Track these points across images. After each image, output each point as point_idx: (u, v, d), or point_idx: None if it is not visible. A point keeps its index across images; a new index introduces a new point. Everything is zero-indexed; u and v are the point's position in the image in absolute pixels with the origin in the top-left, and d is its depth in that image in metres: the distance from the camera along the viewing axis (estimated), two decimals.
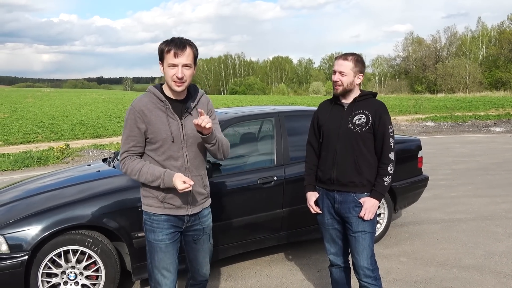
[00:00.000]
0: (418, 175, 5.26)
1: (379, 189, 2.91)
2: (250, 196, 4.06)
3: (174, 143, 2.50)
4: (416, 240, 4.98)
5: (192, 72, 2.49)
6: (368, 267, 2.96)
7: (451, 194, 6.99)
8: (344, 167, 2.93)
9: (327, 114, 3.05)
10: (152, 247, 2.60)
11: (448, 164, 9.52)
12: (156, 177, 2.47)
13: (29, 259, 3.25)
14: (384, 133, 2.89)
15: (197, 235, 2.73)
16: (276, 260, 4.51)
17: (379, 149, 2.93)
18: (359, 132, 2.89)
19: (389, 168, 2.91)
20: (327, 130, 3.01)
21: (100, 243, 3.45)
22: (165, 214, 2.58)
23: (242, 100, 42.59)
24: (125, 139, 2.53)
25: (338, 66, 2.91)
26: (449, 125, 18.26)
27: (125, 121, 2.52)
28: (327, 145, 3.02)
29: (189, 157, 2.56)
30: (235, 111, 4.55)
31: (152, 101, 2.51)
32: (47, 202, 3.52)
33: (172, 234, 2.61)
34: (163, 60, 2.45)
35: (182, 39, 2.46)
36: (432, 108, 27.03)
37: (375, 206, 2.91)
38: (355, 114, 2.92)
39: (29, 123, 23.10)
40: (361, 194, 2.94)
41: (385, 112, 2.94)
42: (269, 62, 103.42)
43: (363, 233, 2.94)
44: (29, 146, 16.10)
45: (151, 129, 2.48)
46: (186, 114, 2.55)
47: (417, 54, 70.45)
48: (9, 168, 10.03)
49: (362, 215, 2.90)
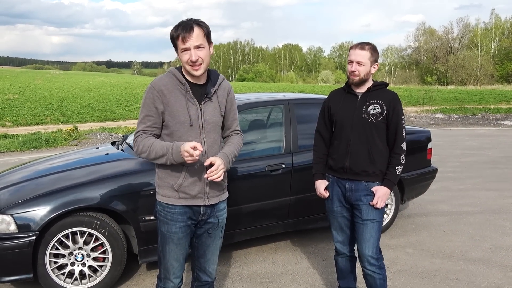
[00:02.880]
0: (427, 167, 5.22)
1: (391, 178, 2.93)
2: (257, 183, 4.05)
3: (192, 128, 2.41)
4: (422, 232, 4.97)
5: (208, 52, 2.39)
6: (373, 255, 2.97)
7: (459, 186, 6.96)
8: (357, 156, 2.93)
9: (340, 103, 3.03)
10: (164, 237, 2.52)
11: (457, 157, 9.47)
12: (166, 149, 2.33)
13: (37, 239, 3.28)
14: (398, 123, 2.90)
15: (212, 228, 2.61)
16: (282, 247, 4.52)
17: (392, 139, 2.94)
18: (374, 122, 2.89)
19: (402, 158, 2.93)
20: (340, 119, 2.99)
21: (107, 225, 3.47)
22: (180, 205, 2.47)
23: (250, 87, 42.45)
24: (142, 118, 2.43)
25: (355, 55, 2.88)
26: (459, 117, 18.14)
27: (143, 100, 2.43)
28: (340, 134, 3.00)
29: (207, 144, 2.46)
30: (245, 97, 4.53)
31: (173, 82, 2.42)
32: (55, 184, 3.53)
33: (186, 227, 2.51)
34: (176, 47, 2.39)
35: (189, 20, 2.37)
36: (442, 100, 26.82)
37: (387, 194, 2.93)
38: (369, 104, 2.91)
39: (38, 104, 23.20)
40: (373, 183, 2.95)
41: (398, 103, 2.94)
42: (279, 50, 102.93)
43: (371, 221, 2.95)
44: (38, 127, 16.20)
45: (169, 111, 2.39)
46: (205, 100, 2.46)
47: (428, 45, 69.83)
48: (18, 149, 10.10)
49: (374, 203, 2.91)
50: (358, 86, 2.96)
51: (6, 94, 28.35)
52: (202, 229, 2.62)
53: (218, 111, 2.52)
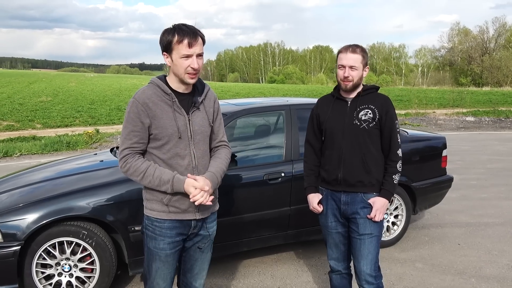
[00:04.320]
0: (442, 175, 4.93)
1: (388, 187, 2.75)
2: (255, 192, 3.89)
3: (180, 140, 2.28)
4: (435, 245, 4.69)
5: (203, 62, 2.33)
6: (371, 273, 2.76)
7: (481, 195, 6.59)
8: (351, 166, 2.74)
9: (329, 111, 2.84)
10: (151, 255, 2.39)
11: (483, 163, 9.03)
12: (164, 182, 2.24)
13: (22, 249, 3.21)
14: (392, 128, 2.73)
15: (202, 242, 2.48)
16: (283, 259, 4.33)
17: (386, 146, 2.76)
18: (366, 128, 2.70)
19: (398, 165, 2.75)
20: (330, 128, 2.80)
21: (95, 235, 3.38)
22: (170, 220, 2.33)
23: (279, 89, 42.30)
24: (127, 134, 2.27)
25: (347, 60, 2.69)
26: (490, 120, 17.45)
27: (127, 114, 2.28)
28: (331, 144, 2.81)
29: (196, 156, 2.34)
30: (244, 102, 4.38)
31: (157, 93, 2.28)
32: (43, 192, 3.47)
33: (175, 243, 2.37)
34: (170, 52, 2.23)
35: (190, 26, 2.25)
36: (475, 101, 26.00)
37: (385, 206, 2.76)
38: (360, 109, 2.73)
39: (69, 107, 23.72)
40: (369, 194, 2.76)
41: (391, 107, 2.77)
42: (309, 51, 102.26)
43: (369, 236, 2.75)
44: (66, 129, 16.54)
45: (156, 124, 2.25)
46: (193, 109, 2.34)
47: (463, 46, 67.93)
48: (39, 151, 10.25)
49: (372, 216, 2.72)
50: (348, 91, 2.77)
51: (40, 97, 29.14)
52: (191, 242, 2.48)
53: (206, 121, 2.40)
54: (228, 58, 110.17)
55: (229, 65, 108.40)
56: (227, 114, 3.94)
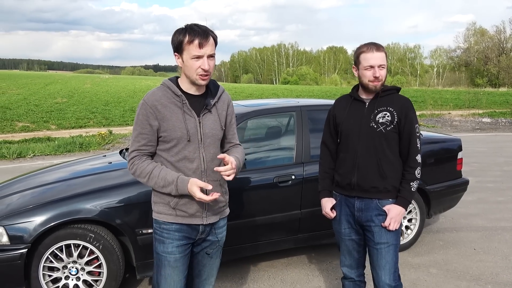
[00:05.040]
0: (457, 178, 4.81)
1: (405, 195, 2.61)
2: (265, 195, 3.82)
3: (190, 143, 2.24)
4: (450, 249, 4.56)
5: (215, 63, 2.27)
6: (391, 283, 2.64)
7: (498, 198, 6.43)
8: (366, 170, 2.62)
9: (345, 112, 2.72)
10: (160, 261, 2.33)
11: (500, 165, 8.83)
12: (168, 183, 2.20)
13: (29, 252, 3.19)
14: (411, 132, 2.59)
15: (210, 247, 2.44)
16: (294, 263, 4.25)
17: (404, 151, 2.62)
18: (383, 132, 2.58)
19: (417, 172, 2.61)
20: (346, 130, 2.69)
21: (102, 238, 3.34)
22: (177, 223, 2.30)
23: (292, 90, 42.14)
24: (135, 136, 2.26)
25: (375, 59, 2.55)
26: (507, 121, 17.13)
27: (136, 117, 2.26)
28: (346, 146, 2.70)
29: (206, 159, 2.28)
30: (254, 104, 4.31)
31: (167, 95, 2.25)
32: (51, 194, 3.44)
33: (183, 246, 2.32)
34: (181, 52, 2.19)
35: (202, 26, 2.19)
36: (491, 102, 25.58)
37: (401, 214, 2.61)
38: (378, 112, 2.61)
39: (83, 108, 23.89)
40: (385, 201, 2.63)
41: (411, 109, 2.62)
42: (323, 52, 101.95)
43: (386, 245, 2.63)
44: (80, 131, 16.64)
45: (164, 126, 2.22)
46: (204, 111, 2.28)
47: (479, 46, 67.05)
48: (52, 152, 10.31)
49: (386, 225, 2.60)
50: (367, 92, 2.65)
51: (56, 98, 29.43)
52: (199, 247, 2.44)
53: (218, 124, 2.34)
54: (242, 59, 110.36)
55: (243, 66, 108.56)
56: (237, 115, 3.86)
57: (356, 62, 2.64)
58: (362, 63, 2.59)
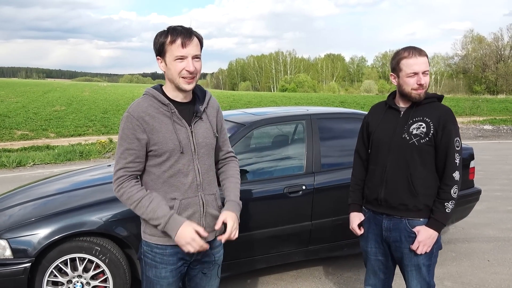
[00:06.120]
0: (469, 188, 4.70)
1: (438, 217, 2.36)
2: (274, 206, 3.70)
3: (183, 155, 2.05)
4: (464, 261, 4.45)
5: (201, 66, 2.08)
6: None
7: (508, 207, 6.32)
8: (394, 186, 2.42)
9: (379, 120, 2.54)
10: (151, 284, 2.15)
11: (506, 173, 8.73)
12: (158, 217, 2.00)
13: (33, 266, 3.07)
14: (448, 146, 2.35)
15: (207, 268, 2.25)
16: (304, 276, 4.13)
17: (441, 166, 2.38)
18: (416, 144, 2.37)
19: (453, 191, 2.35)
20: (377, 140, 2.50)
21: (108, 251, 3.22)
22: (171, 245, 2.09)
23: (291, 97, 42.12)
24: (121, 153, 2.04)
25: (419, 65, 2.34)
26: (509, 129, 17.08)
27: (121, 131, 2.05)
28: (375, 158, 2.52)
29: (201, 171, 2.11)
30: (262, 112, 4.21)
31: (153, 105, 2.05)
32: (55, 206, 3.33)
33: (178, 269, 2.15)
34: (164, 54, 2.03)
35: (185, 26, 2.04)
36: (491, 110, 25.58)
37: (433, 238, 2.37)
38: (412, 122, 2.40)
39: (82, 116, 23.83)
40: (415, 220, 2.41)
41: (451, 121, 2.38)
42: (321, 60, 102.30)
43: (417, 267, 2.45)
44: (79, 139, 16.56)
45: (154, 139, 2.02)
46: (195, 119, 2.11)
47: (477, 53, 67.37)
48: (52, 161, 10.18)
49: (414, 248, 2.39)
50: (406, 100, 2.46)
51: (54, 106, 29.35)
52: (195, 269, 2.25)
53: (211, 132, 2.17)
54: (239, 67, 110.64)
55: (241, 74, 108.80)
56: (245, 124, 3.78)
57: (396, 69, 2.43)
58: (404, 70, 2.38)
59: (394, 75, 2.46)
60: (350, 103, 33.96)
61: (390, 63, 2.54)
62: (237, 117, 4.05)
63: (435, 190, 2.40)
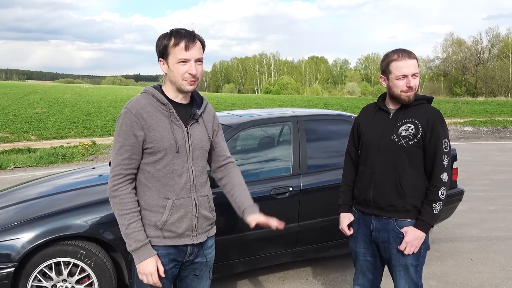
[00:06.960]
0: (452, 188, 4.77)
1: (426, 218, 2.39)
2: (261, 208, 3.66)
3: (178, 154, 2.07)
4: (448, 261, 4.51)
5: (203, 69, 2.13)
6: None
7: (489, 207, 6.43)
8: (382, 187, 2.45)
9: (369, 121, 2.56)
10: (142, 285, 2.13)
11: (487, 174, 8.89)
12: (135, 238, 2.04)
13: (17, 271, 3.01)
14: (437, 148, 2.37)
15: (199, 269, 2.27)
16: (291, 277, 4.14)
17: (429, 168, 2.41)
18: (404, 146, 2.39)
19: (440, 192, 2.38)
20: (367, 141, 2.53)
21: (94, 255, 3.18)
22: (164, 246, 2.11)
23: (275, 99, 42.24)
24: (118, 149, 2.06)
25: (409, 67, 2.35)
26: (489, 130, 17.38)
27: (118, 127, 2.06)
28: (365, 159, 2.54)
29: (195, 173, 2.14)
30: (249, 114, 4.21)
31: (152, 103, 2.08)
32: (39, 210, 3.27)
33: (170, 270, 2.15)
34: (166, 57, 2.05)
35: (188, 30, 2.06)
36: (471, 112, 25.99)
37: (420, 239, 2.39)
38: (401, 124, 2.43)
39: (64, 118, 23.51)
40: (404, 221, 2.43)
41: (440, 123, 2.40)
42: (304, 62, 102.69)
43: (404, 267, 2.48)
44: (61, 141, 16.31)
45: (151, 137, 2.04)
46: (192, 121, 2.14)
47: (457, 56, 68.47)
48: (34, 164, 10.02)
49: (402, 249, 2.41)
50: (395, 102, 2.48)
51: (35, 108, 28.91)
52: (187, 270, 2.25)
53: (206, 135, 2.20)
54: (223, 69, 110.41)
55: (225, 76, 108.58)
56: (232, 126, 3.77)
57: (386, 71, 2.44)
58: (393, 73, 2.40)
59: (384, 77, 2.48)
60: (333, 105, 34.19)
61: (379, 65, 2.55)
62: (223, 119, 4.03)
63: (423, 191, 2.43)
